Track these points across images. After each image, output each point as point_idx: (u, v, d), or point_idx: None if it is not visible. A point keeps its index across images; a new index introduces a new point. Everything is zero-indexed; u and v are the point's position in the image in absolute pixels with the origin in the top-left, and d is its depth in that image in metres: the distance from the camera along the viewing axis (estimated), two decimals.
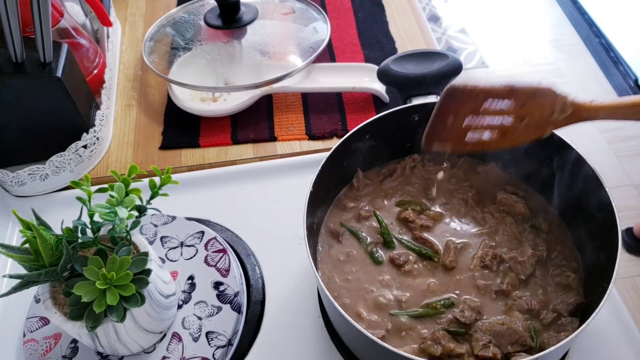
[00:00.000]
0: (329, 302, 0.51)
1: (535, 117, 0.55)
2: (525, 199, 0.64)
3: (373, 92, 0.85)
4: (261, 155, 0.80)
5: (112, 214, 0.48)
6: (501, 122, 0.56)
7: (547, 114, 0.54)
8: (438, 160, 0.69)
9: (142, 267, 0.51)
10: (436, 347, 0.52)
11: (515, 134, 0.56)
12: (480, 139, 0.57)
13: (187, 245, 0.66)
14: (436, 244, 0.61)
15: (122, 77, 0.92)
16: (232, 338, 0.59)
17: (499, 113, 0.56)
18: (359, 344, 0.56)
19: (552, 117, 0.54)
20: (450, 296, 0.57)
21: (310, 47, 0.84)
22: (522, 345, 0.52)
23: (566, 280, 0.57)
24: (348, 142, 0.62)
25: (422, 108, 0.65)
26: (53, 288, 0.52)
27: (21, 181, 0.73)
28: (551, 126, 0.55)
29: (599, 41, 2.34)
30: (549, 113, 0.54)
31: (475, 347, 0.53)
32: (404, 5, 1.03)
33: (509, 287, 0.57)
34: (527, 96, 0.54)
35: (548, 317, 0.55)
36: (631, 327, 0.60)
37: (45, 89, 0.69)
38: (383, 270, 0.60)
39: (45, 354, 0.58)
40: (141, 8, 1.05)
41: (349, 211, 0.65)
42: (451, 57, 0.73)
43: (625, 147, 1.99)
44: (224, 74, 0.84)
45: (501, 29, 2.55)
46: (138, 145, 0.82)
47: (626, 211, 1.80)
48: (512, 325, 0.53)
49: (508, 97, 0.55)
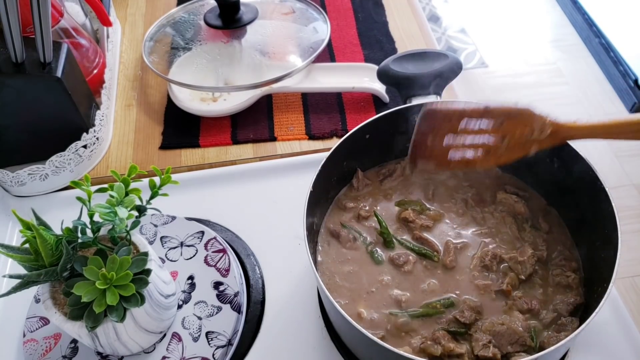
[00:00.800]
0: (329, 302, 0.51)
1: (516, 137, 0.56)
2: (525, 199, 0.64)
3: (373, 92, 0.85)
4: (261, 155, 0.80)
5: (112, 214, 0.48)
6: (482, 141, 0.57)
7: (527, 133, 0.55)
8: None
9: (142, 267, 0.51)
10: (436, 347, 0.52)
11: (498, 153, 0.57)
12: (463, 157, 0.59)
13: (187, 245, 0.66)
14: (436, 244, 0.61)
15: (122, 77, 0.92)
16: (232, 338, 0.59)
17: (478, 132, 0.57)
18: (359, 344, 0.56)
19: (533, 136, 0.55)
20: (450, 296, 0.57)
21: (310, 47, 0.84)
22: (522, 345, 0.52)
23: (566, 280, 0.57)
24: (348, 142, 0.62)
25: (422, 108, 0.65)
26: (53, 288, 0.52)
27: (21, 181, 0.73)
28: (535, 145, 0.56)
29: (599, 41, 2.34)
30: (529, 132, 0.55)
31: (475, 347, 0.53)
32: (404, 5, 1.03)
33: (508, 287, 0.57)
34: (503, 115, 0.56)
35: (548, 317, 0.55)
36: (631, 327, 0.60)
37: (45, 89, 0.69)
38: (383, 270, 0.60)
39: (45, 354, 0.58)
40: (141, 8, 1.05)
41: (349, 211, 0.65)
42: (451, 57, 0.73)
43: (625, 147, 1.99)
44: (224, 74, 0.84)
45: (501, 29, 2.54)
46: (138, 145, 0.82)
47: (626, 211, 1.80)
48: (512, 325, 0.53)
49: (483, 116, 0.56)
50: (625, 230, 0.50)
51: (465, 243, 0.61)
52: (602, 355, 0.58)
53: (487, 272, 0.59)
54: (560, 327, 0.54)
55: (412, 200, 0.66)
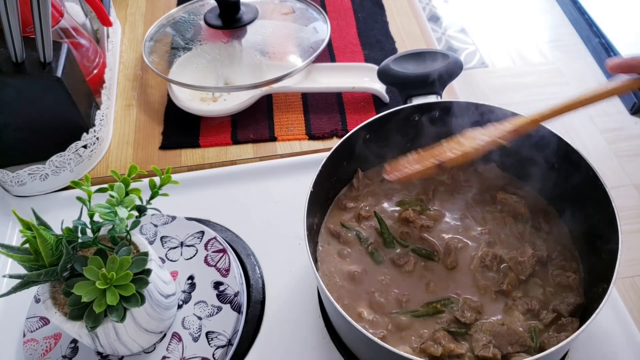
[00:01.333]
0: (329, 302, 0.51)
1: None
2: (525, 198, 0.64)
3: (373, 92, 0.85)
4: (261, 155, 0.80)
5: (112, 214, 0.48)
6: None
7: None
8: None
9: (142, 267, 0.51)
10: (436, 347, 0.52)
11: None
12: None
13: (187, 245, 0.66)
14: (436, 244, 0.61)
15: (122, 77, 0.92)
16: (232, 338, 0.59)
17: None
18: (359, 344, 0.56)
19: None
20: (450, 296, 0.57)
21: (310, 47, 0.84)
22: (522, 345, 0.52)
23: (566, 280, 0.57)
24: (348, 142, 0.62)
25: (422, 108, 0.65)
26: (53, 288, 0.52)
27: (21, 181, 0.73)
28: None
29: (599, 41, 2.34)
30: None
31: (475, 347, 0.53)
32: (404, 5, 1.03)
33: (509, 287, 0.57)
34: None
35: (548, 317, 0.55)
36: (631, 327, 0.60)
37: (45, 89, 0.69)
38: (383, 271, 0.60)
39: (45, 354, 0.58)
40: (141, 8, 1.05)
41: (349, 211, 0.65)
42: (451, 56, 0.73)
43: (625, 147, 1.99)
44: (224, 74, 0.84)
45: (501, 29, 2.54)
46: (138, 145, 0.82)
47: (626, 211, 1.80)
48: (512, 325, 0.53)
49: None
50: (625, 230, 0.50)
51: (465, 243, 0.61)
52: (602, 355, 0.58)
53: (488, 272, 0.59)
54: (560, 328, 0.54)
55: (412, 200, 0.66)
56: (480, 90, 2.24)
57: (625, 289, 1.62)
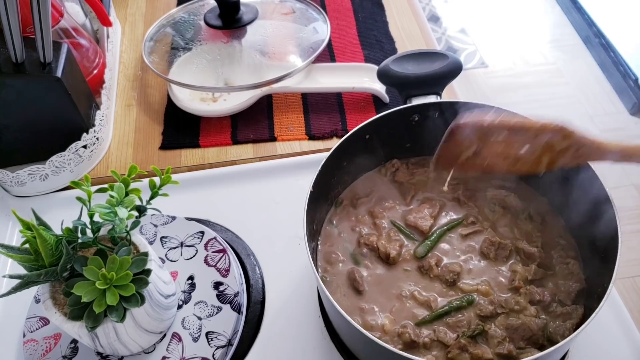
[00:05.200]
0: (329, 302, 0.51)
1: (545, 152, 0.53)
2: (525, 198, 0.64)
3: (373, 92, 0.85)
4: (261, 155, 0.80)
5: (112, 214, 0.48)
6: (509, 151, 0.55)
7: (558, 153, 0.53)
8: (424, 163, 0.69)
9: (142, 267, 0.51)
10: (464, 355, 0.52)
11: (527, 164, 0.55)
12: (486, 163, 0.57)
13: (187, 246, 0.66)
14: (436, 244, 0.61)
15: (122, 77, 0.92)
16: (232, 338, 0.59)
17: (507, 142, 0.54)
18: (359, 344, 0.56)
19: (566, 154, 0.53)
20: (453, 294, 0.57)
21: (310, 47, 0.84)
22: (534, 342, 0.52)
23: (566, 267, 0.58)
24: (348, 142, 0.62)
25: (422, 108, 0.65)
26: (53, 288, 0.52)
27: (21, 181, 0.73)
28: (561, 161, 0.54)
29: (599, 41, 2.34)
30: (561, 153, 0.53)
31: (491, 344, 0.53)
32: (404, 5, 1.03)
33: (520, 282, 0.57)
34: (537, 131, 0.53)
35: (557, 310, 0.55)
36: (631, 327, 0.60)
37: (45, 89, 0.69)
38: (383, 270, 0.60)
39: (45, 354, 0.58)
40: (141, 8, 1.05)
41: (349, 211, 0.65)
42: (451, 57, 0.72)
43: None
44: (224, 74, 0.84)
45: (501, 29, 2.54)
46: (138, 145, 0.82)
47: (626, 211, 1.80)
48: (526, 321, 0.53)
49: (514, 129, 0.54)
50: (625, 231, 0.50)
51: (465, 243, 0.61)
52: (602, 355, 0.58)
53: (494, 267, 0.59)
54: (565, 317, 0.54)
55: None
56: (480, 91, 2.25)
57: (625, 289, 1.62)
